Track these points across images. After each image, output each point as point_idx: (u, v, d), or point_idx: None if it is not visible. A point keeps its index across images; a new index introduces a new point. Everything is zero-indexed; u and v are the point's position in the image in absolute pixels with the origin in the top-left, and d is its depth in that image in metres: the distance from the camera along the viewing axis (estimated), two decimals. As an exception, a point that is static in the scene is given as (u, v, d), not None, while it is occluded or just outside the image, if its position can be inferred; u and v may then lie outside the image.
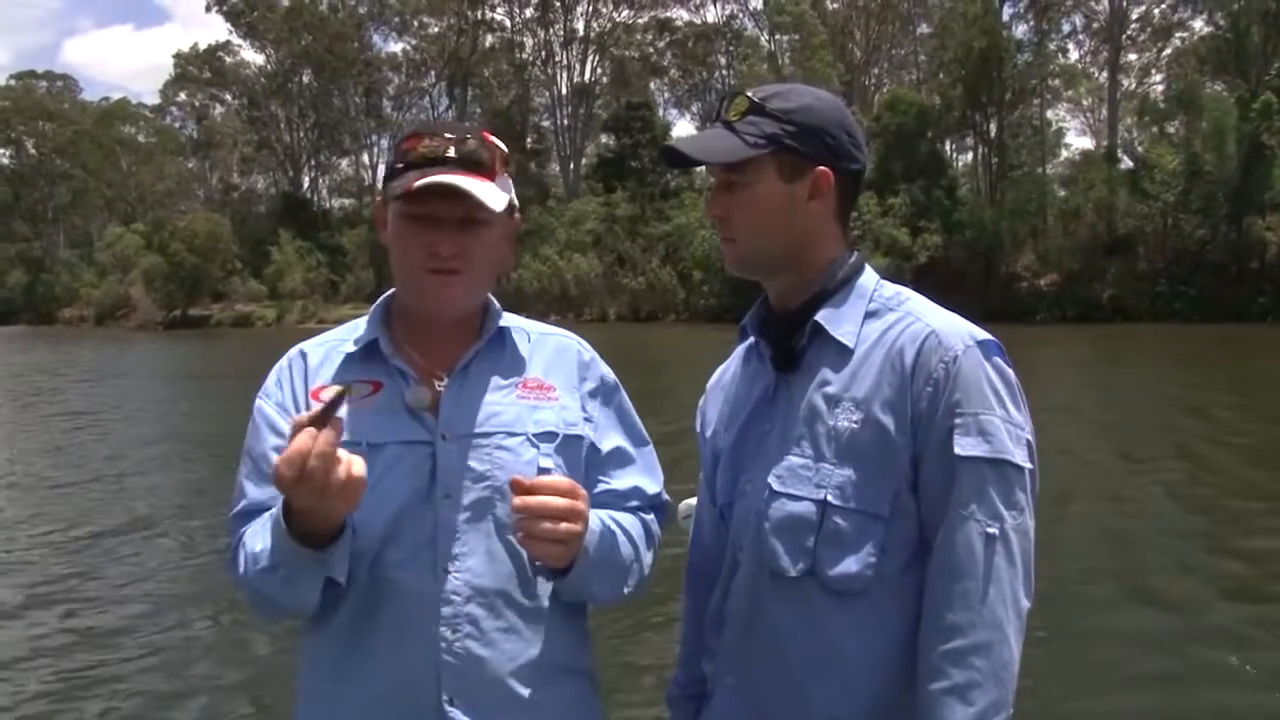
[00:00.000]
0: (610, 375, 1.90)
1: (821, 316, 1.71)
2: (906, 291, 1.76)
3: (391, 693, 1.64)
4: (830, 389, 1.67)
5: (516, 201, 1.80)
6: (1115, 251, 43.69)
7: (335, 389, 1.49)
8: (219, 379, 26.37)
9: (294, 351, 1.82)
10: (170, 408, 21.31)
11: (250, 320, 59.52)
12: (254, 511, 1.70)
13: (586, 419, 1.81)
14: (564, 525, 1.57)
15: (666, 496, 1.90)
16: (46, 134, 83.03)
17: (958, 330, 1.65)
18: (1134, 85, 57.58)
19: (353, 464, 1.47)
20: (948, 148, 53.99)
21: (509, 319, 1.85)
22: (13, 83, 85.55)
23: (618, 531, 1.73)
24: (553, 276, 53.37)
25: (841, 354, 1.69)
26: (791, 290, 1.76)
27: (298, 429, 1.45)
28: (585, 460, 1.79)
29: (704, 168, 1.78)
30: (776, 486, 1.68)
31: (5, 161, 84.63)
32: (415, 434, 1.69)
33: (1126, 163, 48.04)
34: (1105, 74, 56.65)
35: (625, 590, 1.77)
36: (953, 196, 47.70)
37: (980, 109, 49.89)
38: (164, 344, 46.27)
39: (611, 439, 1.83)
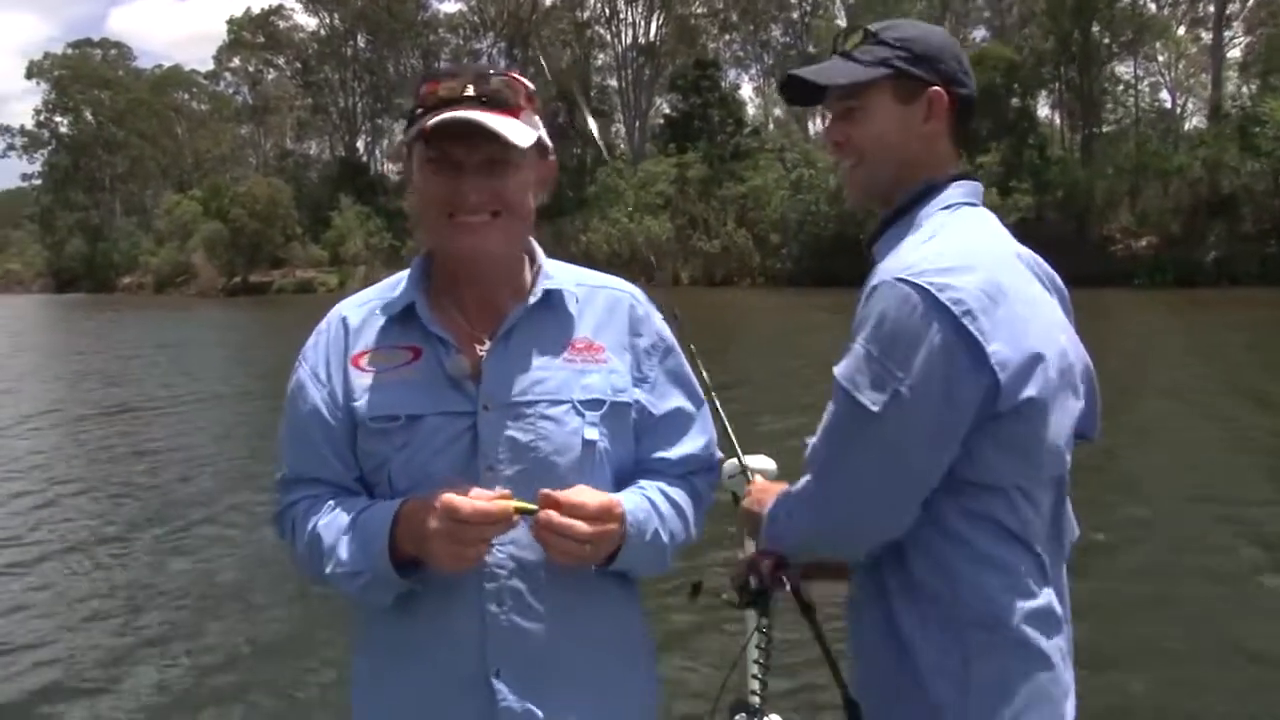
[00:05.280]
0: (666, 332, 1.80)
1: (877, 247, 1.80)
2: (939, 222, 1.75)
3: (439, 667, 1.62)
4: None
5: (549, 142, 1.70)
6: (1219, 212, 41.49)
7: (528, 507, 1.53)
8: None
9: (334, 314, 1.76)
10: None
11: (313, 286, 58.97)
12: (299, 480, 1.71)
13: (639, 380, 1.73)
14: (587, 548, 1.54)
15: (720, 455, 1.87)
16: (103, 102, 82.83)
17: (896, 266, 1.66)
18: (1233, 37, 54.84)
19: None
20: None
21: (556, 271, 1.75)
22: (70, 51, 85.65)
23: (666, 508, 1.69)
24: (623, 239, 52.05)
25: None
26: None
27: (500, 517, 1.50)
28: (636, 425, 1.72)
29: (820, 108, 1.91)
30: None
31: (64, 130, 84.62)
32: (456, 404, 1.63)
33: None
34: (1183, 28, 54.23)
35: (670, 561, 1.75)
36: (1044, 156, 45.73)
37: (1071, 63, 47.81)
38: (240, 311, 45.80)
39: (665, 402, 1.75)
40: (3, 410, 15.78)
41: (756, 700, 2.20)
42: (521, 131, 1.59)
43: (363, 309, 1.75)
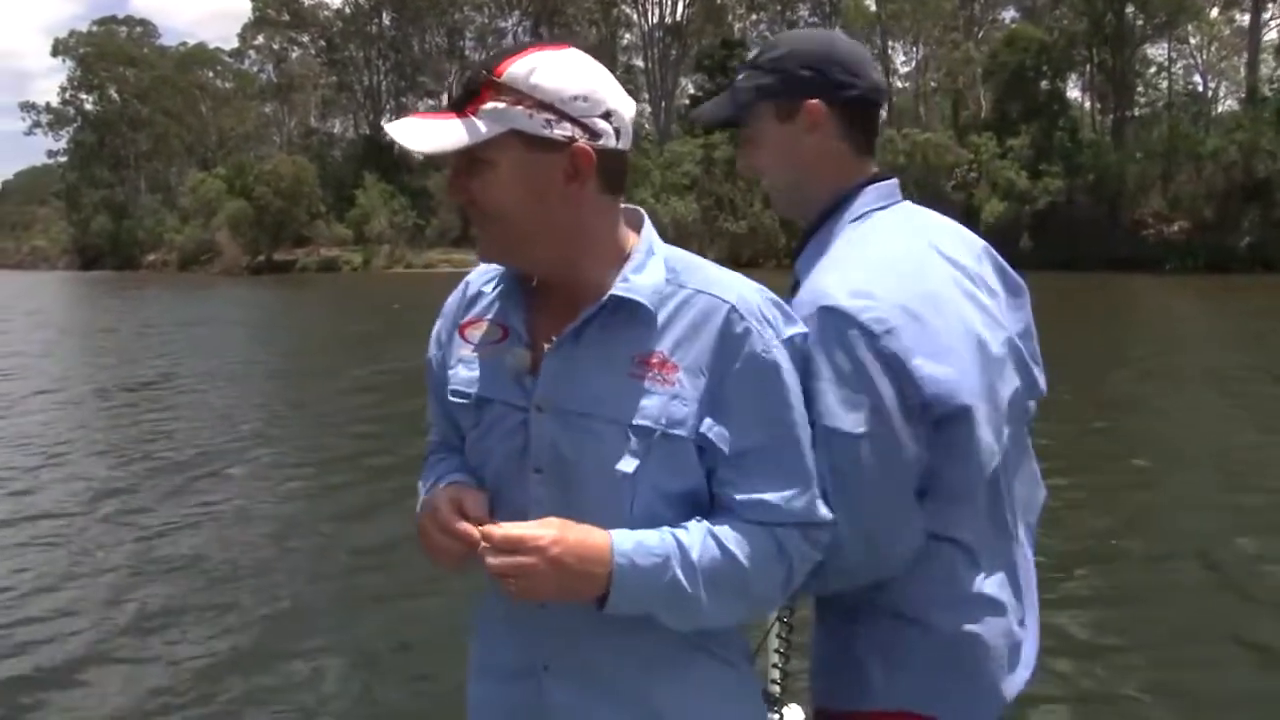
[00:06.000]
0: (769, 352, 1.52)
1: (798, 265, 1.79)
2: (847, 239, 1.76)
3: (498, 650, 1.63)
4: None
5: (546, 133, 1.46)
6: (1253, 197, 40.86)
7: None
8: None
9: (465, 279, 1.73)
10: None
11: (337, 265, 59.08)
12: (432, 428, 1.75)
13: (715, 409, 1.50)
14: (514, 584, 1.45)
15: (823, 511, 1.56)
16: (128, 79, 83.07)
17: (816, 294, 1.66)
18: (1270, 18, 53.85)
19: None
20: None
21: (645, 269, 1.54)
22: (95, 28, 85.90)
23: (707, 553, 1.49)
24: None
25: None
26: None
27: (464, 540, 1.47)
28: (706, 460, 1.52)
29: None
30: None
31: (89, 107, 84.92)
32: (516, 397, 1.56)
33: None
34: (1217, 10, 53.30)
35: (726, 615, 1.55)
36: (1075, 138, 45.09)
37: (1104, 44, 47.07)
38: (264, 289, 45.88)
39: (743, 438, 1.51)
40: (16, 385, 15.88)
41: (776, 690, 2.19)
42: (442, 133, 1.46)
43: (482, 278, 1.70)
